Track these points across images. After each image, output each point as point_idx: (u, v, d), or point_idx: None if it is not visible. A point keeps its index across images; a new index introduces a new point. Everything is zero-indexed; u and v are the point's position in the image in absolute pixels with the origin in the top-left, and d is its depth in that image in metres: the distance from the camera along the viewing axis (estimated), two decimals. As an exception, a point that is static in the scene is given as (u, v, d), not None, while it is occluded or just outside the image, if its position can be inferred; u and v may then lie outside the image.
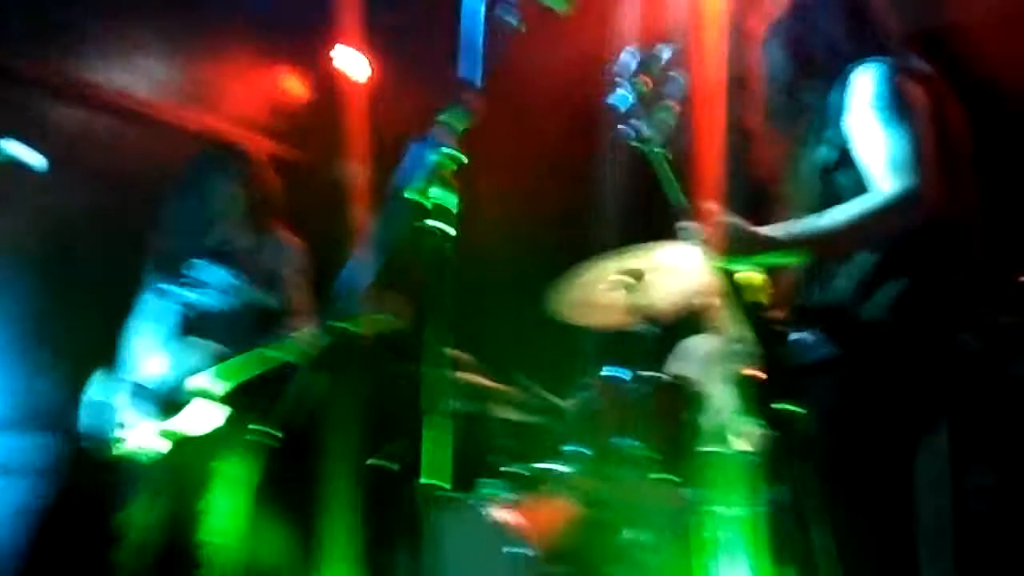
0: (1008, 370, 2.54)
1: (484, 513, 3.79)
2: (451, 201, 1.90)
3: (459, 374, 4.35)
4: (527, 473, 4.02)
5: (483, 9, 2.14)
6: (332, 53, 5.57)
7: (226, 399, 3.64)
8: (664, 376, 3.68)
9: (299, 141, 5.72)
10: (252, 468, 3.67)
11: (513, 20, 2.16)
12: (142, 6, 5.02)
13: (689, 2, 5.24)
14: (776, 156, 2.56)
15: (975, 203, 2.48)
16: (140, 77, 5.17)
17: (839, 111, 2.37)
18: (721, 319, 4.48)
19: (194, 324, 3.84)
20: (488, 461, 4.30)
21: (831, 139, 2.38)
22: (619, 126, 2.36)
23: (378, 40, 5.56)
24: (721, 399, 3.94)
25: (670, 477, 3.43)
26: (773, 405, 2.33)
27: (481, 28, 2.11)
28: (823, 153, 2.39)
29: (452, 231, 1.90)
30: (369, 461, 4.42)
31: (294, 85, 5.78)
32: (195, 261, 3.92)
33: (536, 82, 5.28)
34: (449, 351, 4.36)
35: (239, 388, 3.65)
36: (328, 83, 5.65)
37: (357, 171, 5.50)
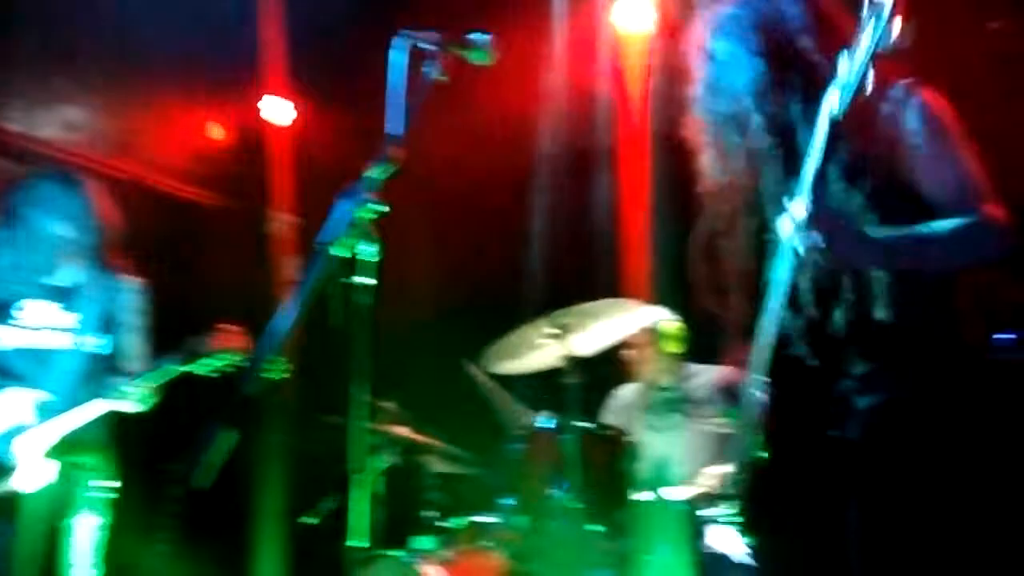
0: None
1: (415, 570, 3.72)
2: (372, 253, 1.88)
3: (390, 427, 4.30)
4: (458, 527, 3.97)
5: (406, 63, 2.14)
6: (259, 102, 5.55)
7: (56, 452, 3.36)
8: (596, 426, 3.68)
9: (225, 188, 5.66)
10: (103, 520, 3.45)
11: (435, 74, 2.16)
12: (65, 56, 4.94)
13: (614, 53, 5.37)
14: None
15: None
16: (63, 126, 5.08)
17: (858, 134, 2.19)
18: (648, 368, 4.56)
19: (20, 369, 3.49)
20: (419, 515, 4.24)
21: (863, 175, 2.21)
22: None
23: (306, 89, 5.55)
24: (652, 447, 3.96)
25: (603, 528, 3.41)
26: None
27: (404, 83, 2.11)
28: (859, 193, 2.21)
29: (372, 282, 1.88)
30: (301, 519, 4.31)
31: (219, 132, 5.73)
32: (24, 300, 3.55)
33: (465, 137, 5.32)
34: (381, 404, 4.37)
35: (70, 439, 3.38)
36: (254, 131, 5.61)
37: (284, 219, 5.46)
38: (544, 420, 3.63)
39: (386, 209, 1.88)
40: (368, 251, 1.87)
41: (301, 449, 4.93)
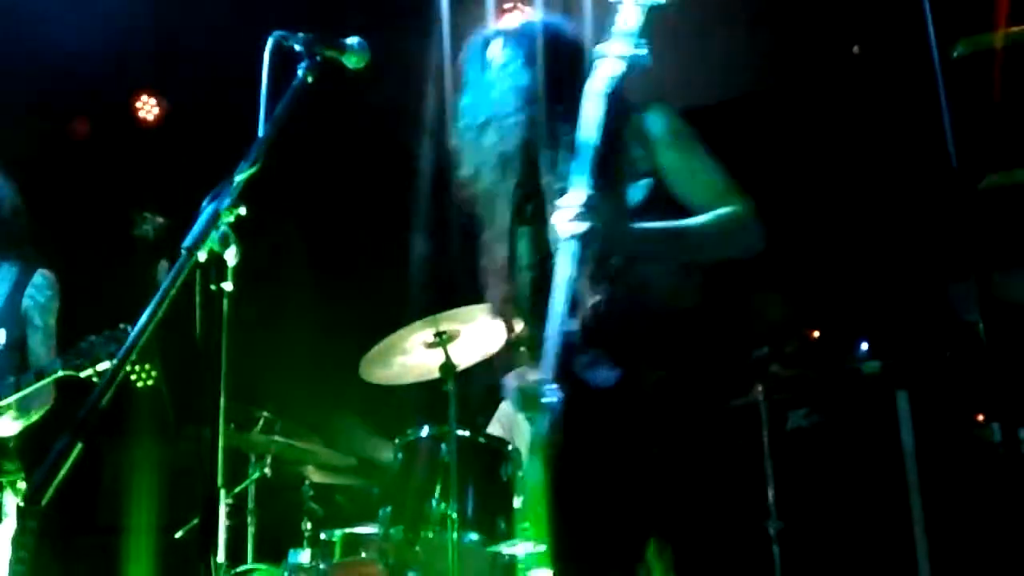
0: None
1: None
2: (233, 257, 1.81)
3: (264, 437, 4.20)
4: (337, 539, 3.90)
5: (269, 65, 2.08)
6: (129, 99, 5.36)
7: None
8: (479, 434, 3.65)
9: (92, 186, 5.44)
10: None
11: (308, 76, 2.11)
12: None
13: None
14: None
15: None
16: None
17: (619, 150, 2.31)
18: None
19: None
20: (299, 527, 4.16)
21: (635, 177, 2.32)
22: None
23: (178, 88, 5.40)
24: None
25: (485, 537, 3.39)
26: None
27: (270, 84, 2.05)
28: (634, 194, 2.31)
29: (230, 287, 1.81)
30: (175, 535, 4.15)
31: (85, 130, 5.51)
32: None
33: (344, 138, 5.27)
34: (256, 414, 4.26)
35: None
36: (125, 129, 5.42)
37: (153, 221, 5.29)
38: (423, 429, 3.59)
39: (246, 212, 1.82)
40: (229, 254, 1.80)
41: (172, 461, 4.78)
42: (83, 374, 3.17)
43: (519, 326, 2.53)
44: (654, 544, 2.28)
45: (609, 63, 2.21)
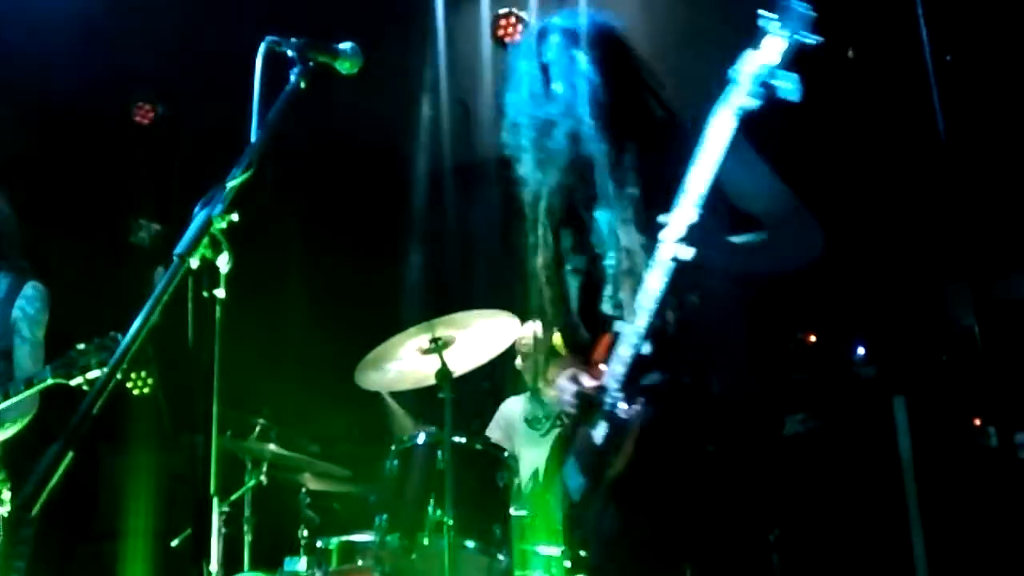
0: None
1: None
2: (225, 263, 1.80)
3: (260, 444, 4.19)
4: (334, 546, 3.89)
5: (261, 70, 2.08)
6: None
7: None
8: (475, 441, 3.64)
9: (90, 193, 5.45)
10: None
11: (298, 81, 2.11)
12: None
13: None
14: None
15: None
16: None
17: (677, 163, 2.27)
18: (531, 381, 4.56)
19: None
20: (295, 535, 4.15)
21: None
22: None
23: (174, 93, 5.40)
24: (532, 460, 3.96)
25: (481, 544, 3.37)
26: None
27: (262, 89, 2.05)
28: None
29: (223, 294, 1.80)
30: (171, 543, 4.14)
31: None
32: None
33: (341, 144, 5.28)
34: (252, 421, 4.25)
35: None
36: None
37: (150, 228, 5.29)
38: (419, 436, 3.58)
39: (237, 219, 1.81)
40: (221, 260, 1.79)
41: (169, 468, 4.77)
42: (73, 382, 3.16)
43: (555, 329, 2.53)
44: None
45: (743, 88, 2.06)
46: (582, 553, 2.34)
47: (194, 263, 1.80)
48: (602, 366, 2.33)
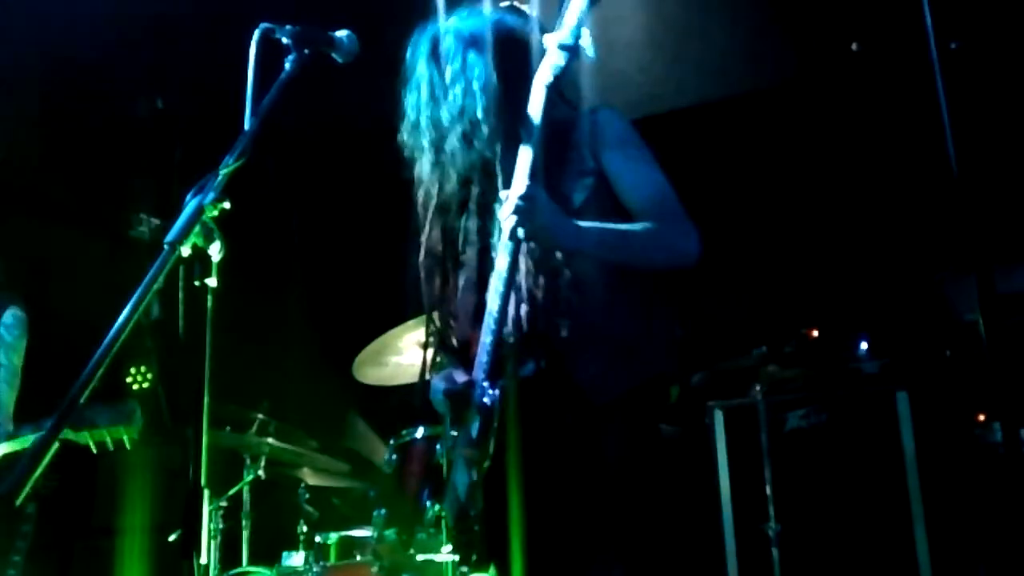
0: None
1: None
2: (217, 252, 1.78)
3: (259, 439, 4.17)
4: (332, 541, 3.87)
5: (256, 58, 2.06)
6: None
7: None
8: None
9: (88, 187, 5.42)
10: None
11: (292, 69, 2.08)
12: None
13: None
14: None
15: None
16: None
17: (572, 150, 2.33)
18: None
19: None
20: (294, 530, 4.13)
21: (579, 176, 2.32)
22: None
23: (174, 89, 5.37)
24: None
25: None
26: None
27: (256, 77, 2.02)
28: (577, 192, 2.32)
29: (215, 283, 1.78)
30: (171, 537, 4.11)
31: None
32: None
33: (339, 137, 5.25)
34: (250, 414, 4.23)
35: None
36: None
37: (149, 222, 5.26)
38: (417, 430, 3.56)
39: (229, 205, 1.78)
40: (213, 250, 1.77)
41: (167, 463, 4.76)
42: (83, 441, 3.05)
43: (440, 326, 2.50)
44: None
45: (553, 54, 2.21)
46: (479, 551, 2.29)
47: (185, 251, 1.78)
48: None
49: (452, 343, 2.45)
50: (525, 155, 2.17)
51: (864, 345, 4.41)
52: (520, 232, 2.13)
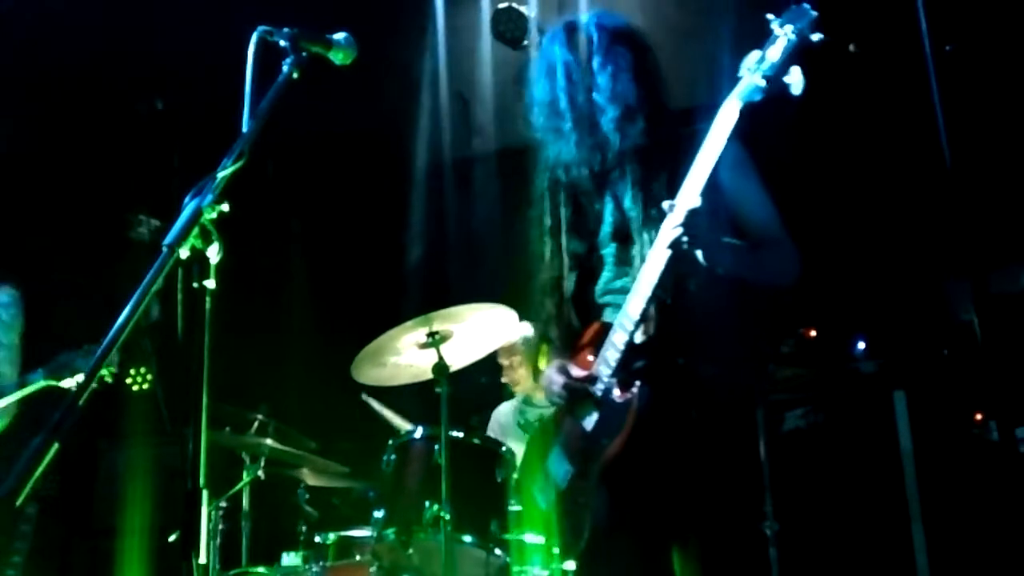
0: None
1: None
2: (216, 254, 1.79)
3: (258, 439, 4.18)
4: (331, 541, 3.87)
5: (254, 60, 2.07)
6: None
7: None
8: (473, 436, 3.63)
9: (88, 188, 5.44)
10: None
11: (290, 71, 2.10)
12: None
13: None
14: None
15: None
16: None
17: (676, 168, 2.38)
18: (523, 383, 4.56)
19: None
20: (294, 530, 4.14)
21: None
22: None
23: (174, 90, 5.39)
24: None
25: (479, 539, 3.36)
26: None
27: (254, 80, 2.04)
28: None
29: (213, 285, 1.79)
30: (171, 538, 4.12)
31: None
32: None
33: (340, 139, 5.26)
34: (250, 415, 4.24)
35: None
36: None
37: (149, 223, 5.28)
38: (416, 431, 3.57)
39: (228, 208, 1.80)
40: (211, 251, 1.78)
41: (167, 463, 4.77)
42: (65, 384, 3.18)
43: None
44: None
45: (753, 79, 2.21)
46: (569, 539, 2.36)
47: (184, 253, 1.79)
48: (589, 356, 2.35)
49: (564, 330, 2.50)
50: (701, 170, 2.20)
51: (861, 345, 4.43)
52: (684, 244, 2.18)
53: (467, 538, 3.34)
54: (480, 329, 3.71)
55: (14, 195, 4.72)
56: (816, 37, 2.16)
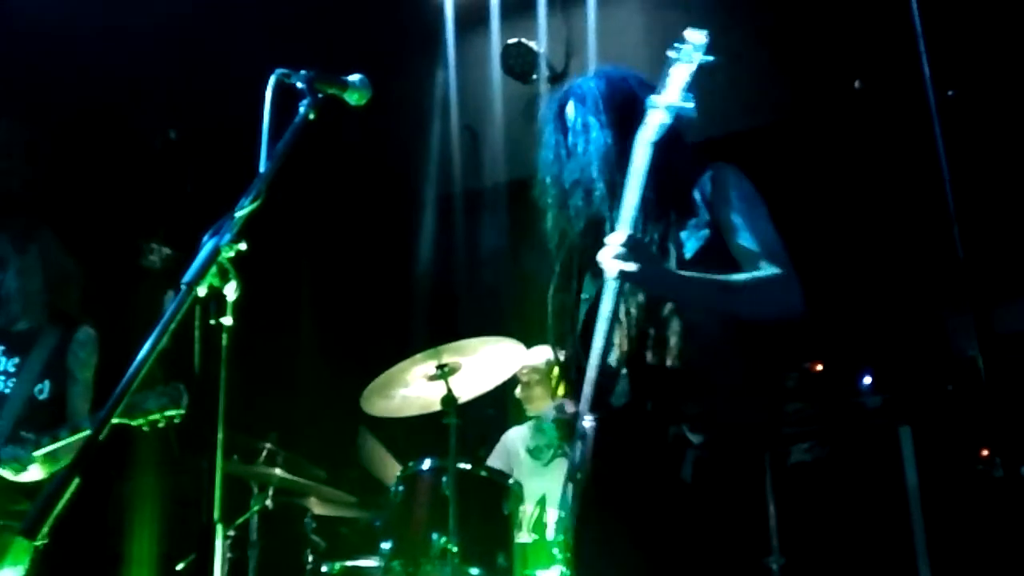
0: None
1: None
2: (233, 292, 1.83)
3: (266, 469, 4.20)
4: (337, 571, 3.88)
5: (271, 101, 2.12)
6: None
7: None
8: (480, 468, 3.65)
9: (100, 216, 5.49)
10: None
11: (307, 112, 2.14)
12: None
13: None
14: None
15: None
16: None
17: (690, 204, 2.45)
18: (535, 408, 4.58)
19: None
20: (301, 559, 4.14)
21: (695, 228, 2.42)
22: None
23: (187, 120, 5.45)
24: (536, 488, 3.96)
25: (485, 571, 3.37)
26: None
27: (272, 121, 2.08)
28: (690, 243, 2.41)
29: (230, 322, 1.83)
30: (178, 567, 4.14)
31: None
32: None
33: (349, 170, 5.31)
34: (259, 445, 4.26)
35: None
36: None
37: (160, 251, 5.32)
38: (424, 462, 3.59)
39: (245, 247, 1.84)
40: (228, 289, 1.82)
41: (175, 493, 4.78)
42: (135, 423, 3.23)
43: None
44: None
45: (658, 114, 2.32)
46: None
47: (201, 291, 1.83)
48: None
49: (572, 375, 2.54)
50: (629, 204, 2.30)
51: (867, 379, 4.44)
52: (617, 275, 2.25)
53: (474, 571, 3.35)
54: (489, 362, 3.74)
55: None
56: (708, 60, 2.29)
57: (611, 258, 2.25)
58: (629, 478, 2.34)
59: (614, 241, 2.25)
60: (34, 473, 3.31)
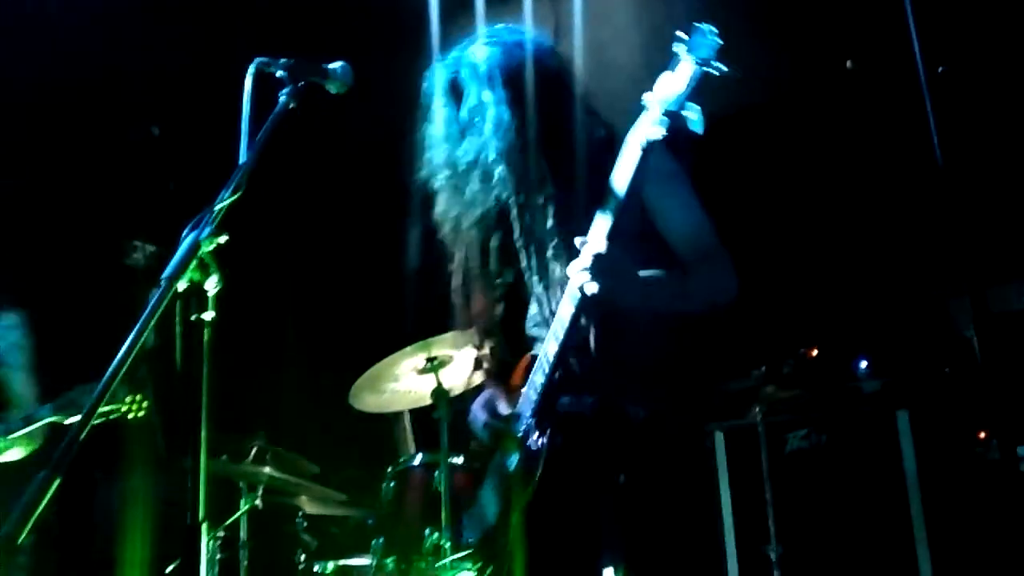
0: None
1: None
2: (214, 286, 1.79)
3: (256, 467, 4.15)
4: (330, 571, 3.85)
5: (251, 91, 2.06)
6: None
7: None
8: (469, 462, 3.61)
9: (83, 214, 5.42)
10: None
11: (287, 101, 2.09)
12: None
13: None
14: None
15: None
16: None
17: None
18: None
19: None
20: (292, 559, 4.10)
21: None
22: None
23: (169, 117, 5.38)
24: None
25: (478, 566, 3.33)
26: None
27: (252, 110, 2.03)
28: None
29: (211, 316, 1.78)
30: (168, 570, 4.08)
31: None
32: None
33: (334, 162, 5.26)
34: (247, 443, 4.20)
35: None
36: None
37: (144, 250, 5.25)
38: (415, 458, 3.56)
39: (226, 240, 1.79)
40: (210, 283, 1.78)
41: (164, 494, 4.73)
42: (69, 421, 3.17)
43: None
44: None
45: (654, 115, 2.01)
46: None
47: (182, 286, 1.78)
48: (524, 389, 2.29)
49: (502, 365, 2.44)
50: (607, 215, 2.06)
51: (864, 364, 4.41)
52: (589, 291, 2.06)
53: (467, 565, 3.31)
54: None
55: (8, 222, 4.69)
56: (719, 69, 1.97)
57: (582, 270, 2.05)
58: (577, 476, 2.22)
59: (588, 252, 2.05)
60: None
